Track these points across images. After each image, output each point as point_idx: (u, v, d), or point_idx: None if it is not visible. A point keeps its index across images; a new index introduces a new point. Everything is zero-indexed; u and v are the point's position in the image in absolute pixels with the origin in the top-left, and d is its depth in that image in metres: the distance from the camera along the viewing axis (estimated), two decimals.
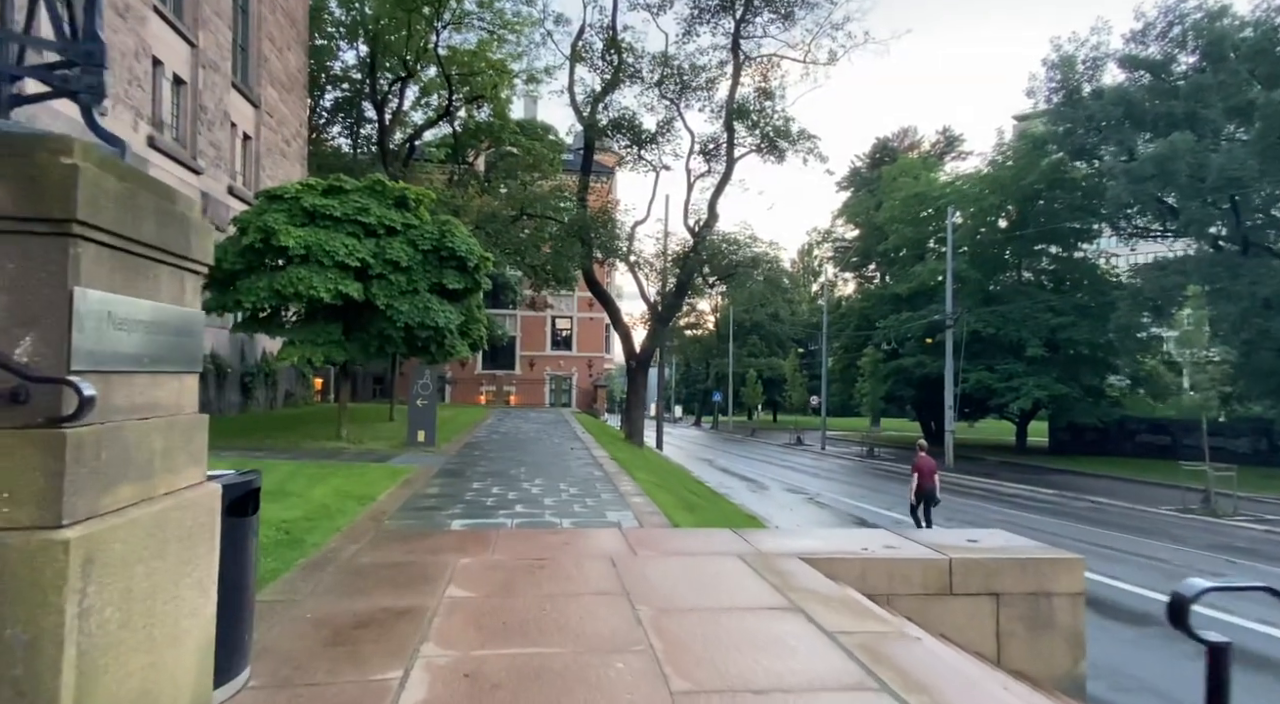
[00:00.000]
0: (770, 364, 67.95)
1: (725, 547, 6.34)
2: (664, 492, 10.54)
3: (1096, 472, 29.82)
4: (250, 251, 12.47)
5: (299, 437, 14.41)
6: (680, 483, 14.50)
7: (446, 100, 33.33)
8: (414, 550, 6.00)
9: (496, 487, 9.51)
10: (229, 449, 12.30)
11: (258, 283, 12.12)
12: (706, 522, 9.02)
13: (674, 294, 21.40)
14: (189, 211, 2.84)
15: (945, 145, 52.63)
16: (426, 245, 13.29)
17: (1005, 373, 32.75)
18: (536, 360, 48.65)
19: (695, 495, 12.73)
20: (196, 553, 2.77)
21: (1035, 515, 18.95)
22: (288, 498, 7.99)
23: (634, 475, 11.40)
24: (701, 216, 21.64)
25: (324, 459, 11.54)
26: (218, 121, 18.86)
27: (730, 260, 20.47)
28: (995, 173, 34.78)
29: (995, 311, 33.80)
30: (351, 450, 12.99)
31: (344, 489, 8.76)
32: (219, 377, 18.68)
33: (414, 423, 13.99)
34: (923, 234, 39.75)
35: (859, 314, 41.93)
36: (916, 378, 36.54)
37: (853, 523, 16.91)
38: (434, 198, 14.79)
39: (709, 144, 21.49)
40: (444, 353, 14.03)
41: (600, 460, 13.05)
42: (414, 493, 8.89)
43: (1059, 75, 30.92)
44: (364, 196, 13.12)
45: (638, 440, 22.06)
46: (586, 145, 21.76)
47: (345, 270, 12.54)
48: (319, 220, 12.68)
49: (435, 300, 13.20)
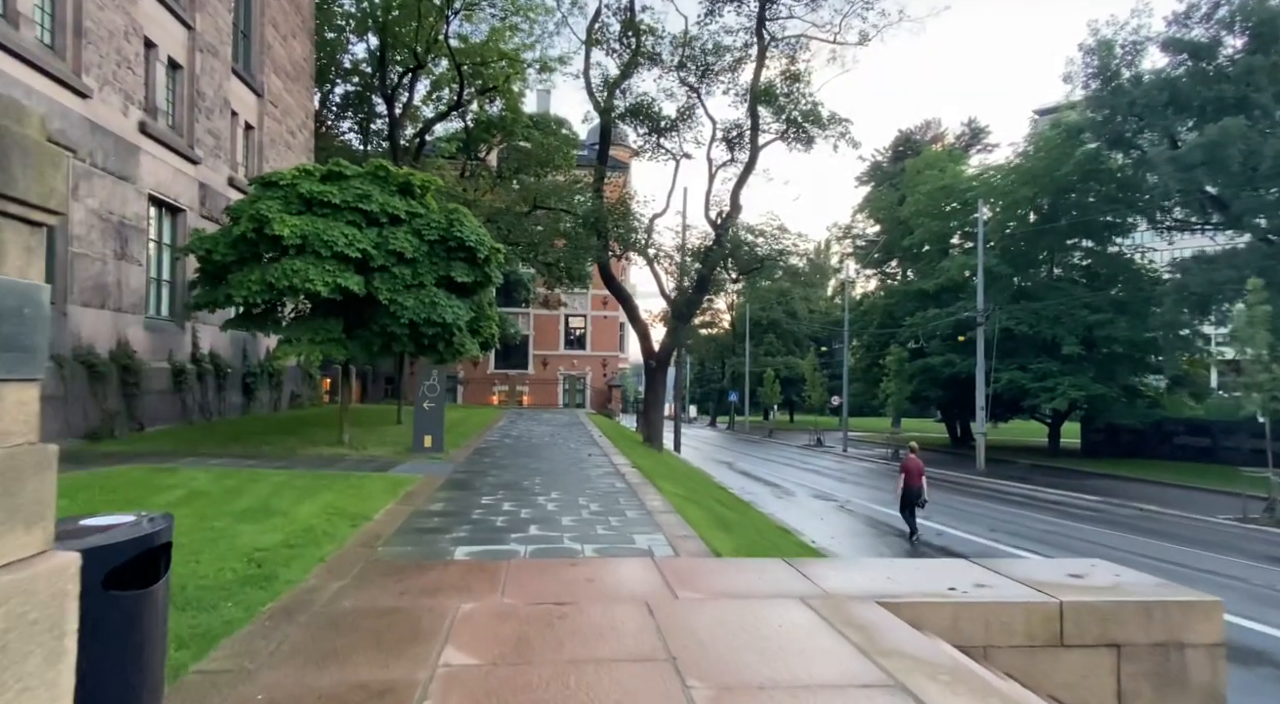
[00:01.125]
0: (787, 363, 66.56)
1: (782, 585, 5.25)
2: (694, 506, 9.46)
3: (1137, 475, 28.40)
4: (242, 242, 11.51)
5: (298, 442, 13.46)
6: (708, 493, 13.41)
7: (457, 93, 32.37)
8: (408, 590, 4.96)
9: (508, 502, 8.47)
10: (219, 456, 11.36)
11: (249, 276, 11.16)
12: (746, 545, 7.93)
13: (695, 289, 20.29)
14: (13, 125, 1.79)
15: (970, 137, 51.06)
16: (433, 235, 12.27)
17: (1039, 372, 31.36)
18: (550, 360, 47.72)
19: (727, 508, 11.64)
20: (24, 671, 1.72)
21: (1083, 525, 17.68)
22: (269, 517, 6.98)
23: (659, 487, 10.33)
24: (724, 208, 20.53)
25: (320, 468, 10.56)
26: (217, 109, 17.98)
27: (754, 254, 19.32)
28: (1027, 164, 33.34)
29: (1027, 308, 32.39)
30: (352, 458, 12.02)
31: (336, 506, 7.74)
32: (218, 377, 17.80)
33: (420, 427, 12.99)
34: (949, 228, 38.39)
35: (882, 311, 40.59)
36: (944, 377, 35.19)
37: (892, 534, 15.74)
38: (441, 184, 13.80)
39: (732, 131, 20.38)
40: (452, 352, 13.01)
41: (621, 469, 11.99)
42: (415, 510, 7.87)
43: (1096, 60, 29.47)
44: (365, 183, 12.13)
45: (656, 443, 20.99)
46: (603, 133, 20.71)
47: (345, 262, 11.55)
48: (316, 208, 11.70)
49: (443, 295, 12.19)
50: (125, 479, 8.49)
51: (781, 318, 68.00)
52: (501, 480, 10.17)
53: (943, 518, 18.23)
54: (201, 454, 11.55)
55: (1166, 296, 27.54)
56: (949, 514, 18.87)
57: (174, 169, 15.94)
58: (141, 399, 14.28)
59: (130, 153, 14.17)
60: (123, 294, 14.00)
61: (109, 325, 13.57)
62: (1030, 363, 32.06)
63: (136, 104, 14.44)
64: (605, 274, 21.34)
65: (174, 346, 15.99)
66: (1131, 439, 36.03)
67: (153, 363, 14.89)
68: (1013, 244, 34.39)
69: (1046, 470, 30.97)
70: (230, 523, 6.65)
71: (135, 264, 14.43)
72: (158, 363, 15.15)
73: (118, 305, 13.82)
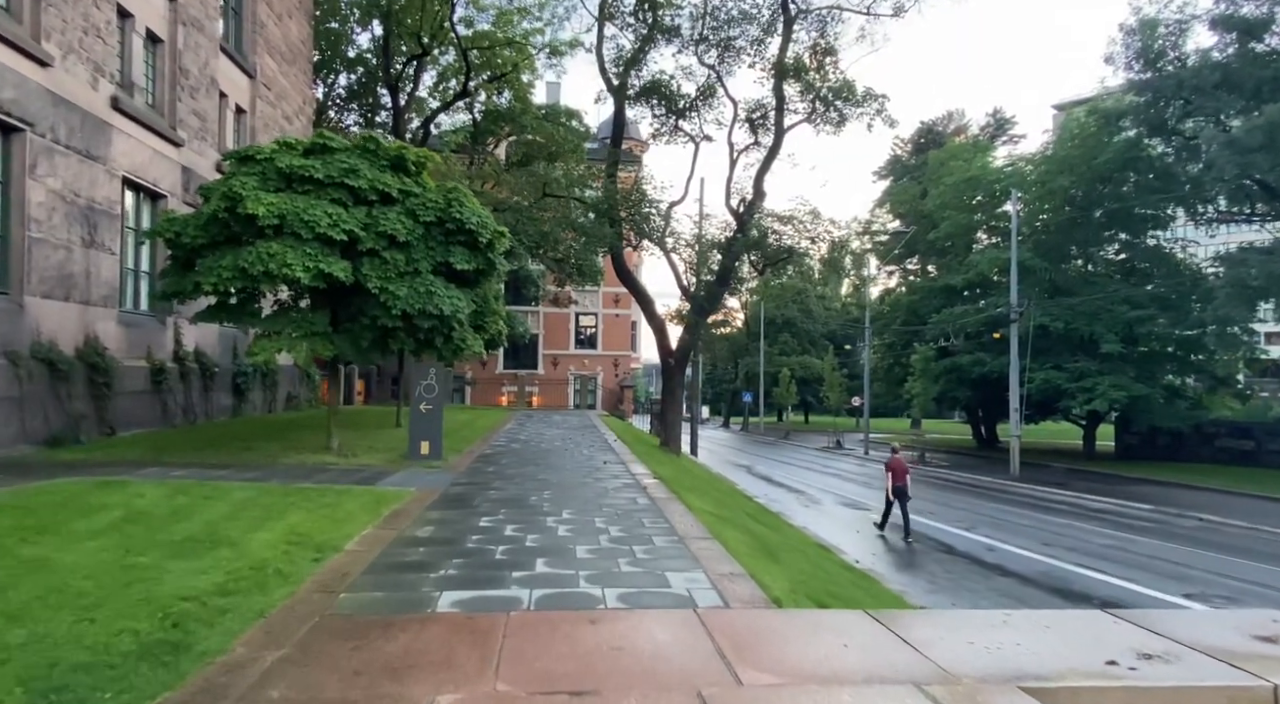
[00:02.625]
0: (803, 363, 64.95)
1: (880, 656, 3.83)
2: (730, 527, 8.05)
3: (1181, 480, 26.70)
4: (214, 223, 10.20)
5: (282, 448, 12.15)
6: (738, 506, 11.99)
7: (463, 82, 31.11)
8: (366, 666, 3.59)
9: (511, 524, 7.09)
10: (187, 465, 10.04)
11: (219, 261, 9.84)
12: (801, 578, 6.51)
13: (716, 282, 18.85)
14: None
15: (995, 128, 49.25)
16: (429, 216, 10.92)
17: (1076, 372, 29.69)
18: (560, 359, 46.41)
19: (763, 525, 10.21)
20: None
21: (1145, 539, 16.11)
22: (214, 549, 5.63)
23: (686, 502, 8.92)
24: (746, 195, 19.10)
25: (299, 480, 9.23)
26: (203, 88, 16.73)
27: (782, 243, 17.85)
28: (1061, 152, 31.65)
29: (1062, 304, 30.73)
30: (338, 467, 10.68)
31: (302, 531, 6.39)
32: (204, 377, 16.54)
33: (416, 432, 11.64)
34: (975, 221, 36.77)
35: (906, 308, 38.96)
36: (973, 377, 33.57)
37: (939, 551, 14.25)
38: (439, 161, 12.46)
39: (755, 111, 18.92)
40: (451, 348, 11.65)
41: (640, 479, 10.59)
42: (398, 536, 6.50)
43: (1139, 41, 27.80)
44: (353, 157, 10.79)
45: (674, 447, 19.58)
46: (616, 115, 19.33)
47: (329, 245, 10.22)
48: (297, 185, 10.37)
49: (440, 283, 10.83)
50: (57, 496, 7.17)
51: (797, 316, 66.37)
52: (505, 495, 8.79)
53: (987, 529, 16.73)
54: (168, 463, 10.25)
55: (1220, 290, 25.81)
56: (994, 525, 17.36)
57: (153, 151, 14.68)
58: (113, 401, 13.01)
59: (100, 130, 12.91)
60: (92, 285, 12.73)
61: (75, 319, 12.30)
62: (1066, 362, 30.40)
63: (108, 77, 13.17)
64: (619, 267, 19.94)
65: (153, 343, 14.73)
66: (1169, 442, 34.28)
67: (127, 361, 13.62)
68: (1046, 237, 32.70)
69: (1084, 475, 29.32)
70: (160, 558, 5.31)
71: (107, 253, 13.17)
72: (133, 361, 13.89)
73: (85, 298, 12.56)
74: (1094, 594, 11.02)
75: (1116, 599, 10.65)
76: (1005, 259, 31.15)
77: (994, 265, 32.31)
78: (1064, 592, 11.10)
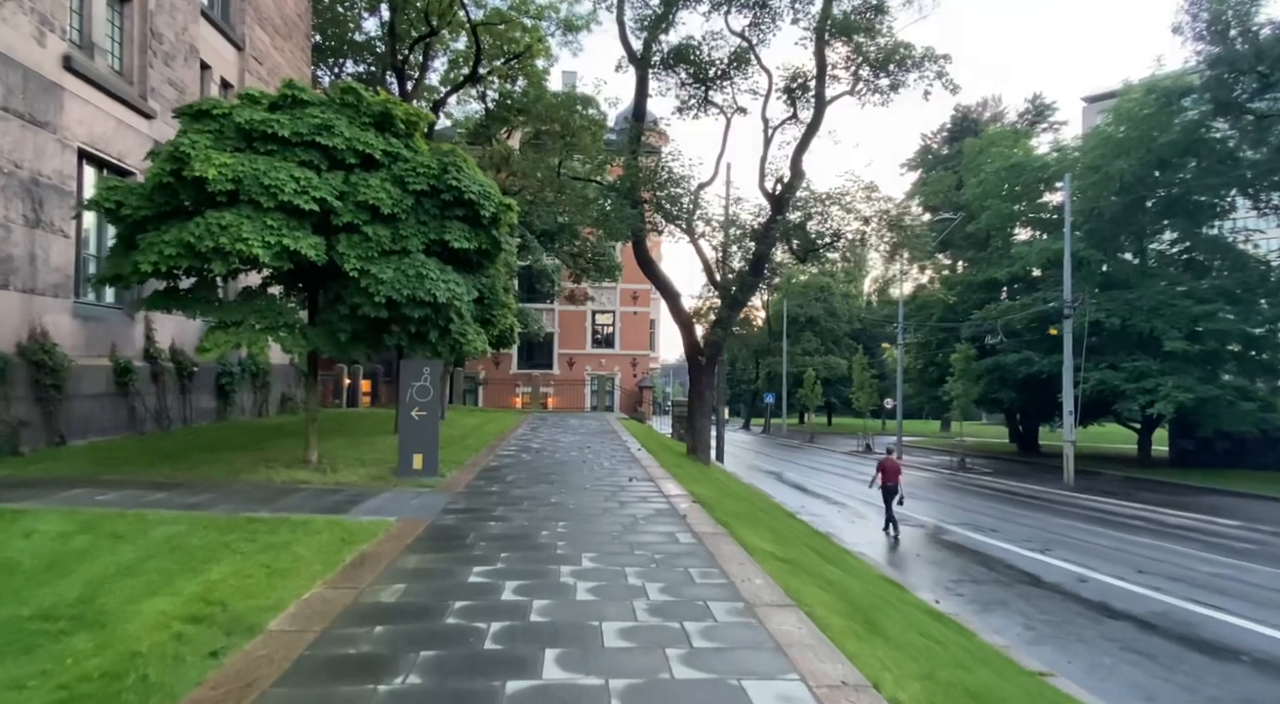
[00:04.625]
0: (827, 363, 62.67)
1: None
2: (804, 579, 6.09)
3: (1256, 491, 24.31)
4: (160, 191, 8.42)
5: (252, 461, 10.36)
6: (795, 536, 10.00)
7: (473, 63, 29.34)
8: None
9: (513, 580, 5.20)
10: (125, 485, 8.26)
11: (162, 236, 8.05)
12: (923, 663, 4.53)
13: (749, 272, 16.87)
14: None
15: (1035, 115, 46.72)
16: (420, 185, 9.07)
17: (1135, 371, 27.33)
18: (576, 359, 44.58)
19: (832, 562, 8.23)
20: None
21: (1256, 565, 13.88)
22: (70, 634, 3.78)
23: (739, 537, 6.99)
24: (783, 176, 17.10)
25: (255, 505, 7.41)
26: (180, 57, 15.04)
27: (826, 228, 15.82)
28: (1118, 135, 29.27)
29: (1118, 298, 28.40)
30: (311, 486, 8.85)
31: (219, 594, 4.55)
32: (181, 377, 14.84)
33: (407, 443, 9.79)
34: (1017, 211, 34.44)
35: (943, 305, 36.67)
36: (1019, 378, 31.26)
37: (1021, 580, 12.18)
38: (433, 120, 10.62)
39: (794, 81, 16.91)
40: (448, 343, 9.80)
41: (675, 502, 8.68)
42: (353, 602, 4.63)
43: (1207, 12, 25.44)
44: (328, 112, 8.96)
45: (703, 455, 17.64)
46: (639, 87, 17.41)
47: (297, 217, 8.40)
48: (260, 143, 8.57)
49: (433, 265, 8.98)
50: None
51: (820, 314, 64.11)
52: (508, 529, 6.89)
53: (1064, 552, 14.60)
54: (106, 481, 8.48)
55: None
56: (1070, 547, 15.22)
57: (117, 121, 12.98)
58: (65, 405, 11.30)
59: (48, 92, 11.20)
60: (38, 272, 11.03)
61: (15, 310, 10.60)
62: (1123, 361, 28.05)
63: (59, 33, 11.47)
64: (641, 256, 18.03)
65: (118, 339, 13.03)
66: (1230, 447, 31.81)
67: (84, 359, 11.92)
68: (1098, 226, 30.32)
69: (1144, 485, 26.97)
70: None
71: (58, 234, 11.46)
72: (92, 359, 12.19)
73: (29, 285, 10.85)
74: (1240, 646, 8.93)
75: (1273, 655, 8.58)
76: (1056, 250, 28.89)
77: (1043, 257, 30.02)
78: (1200, 644, 9.03)
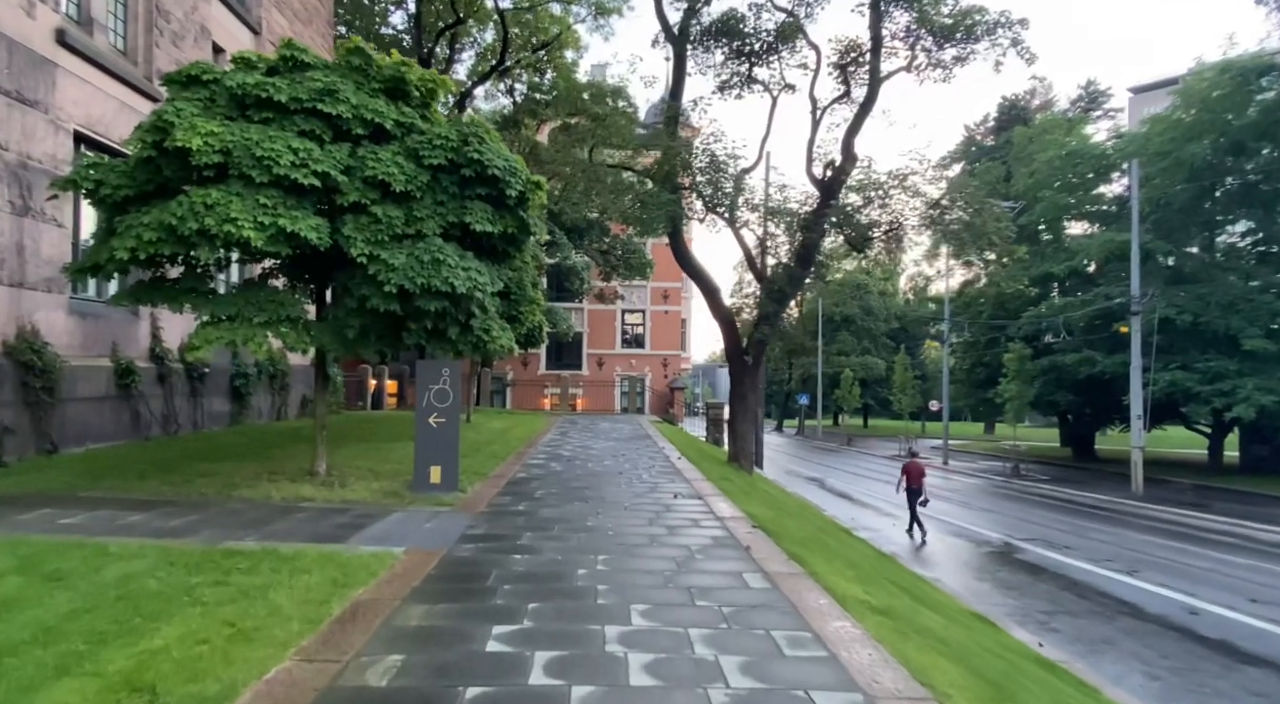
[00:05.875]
0: (863, 363, 60.71)
1: None
2: (921, 645, 4.75)
3: None
4: (143, 168, 7.38)
5: (254, 472, 9.31)
6: (878, 569, 8.63)
7: (500, 51, 28.35)
8: None
9: (545, 646, 3.97)
10: (103, 504, 7.22)
11: (140, 218, 6.99)
12: None
13: (797, 263, 15.48)
14: None
15: (1088, 102, 44.35)
16: (437, 158, 7.90)
17: (1210, 372, 25.29)
18: (605, 359, 43.46)
19: (922, 601, 6.87)
20: None
21: None
22: None
23: (817, 575, 5.70)
24: (834, 159, 15.69)
25: (244, 530, 6.30)
26: (190, 37, 14.17)
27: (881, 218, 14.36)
28: (1186, 118, 27.20)
29: (1192, 293, 26.35)
30: (314, 504, 7.74)
31: (159, 668, 3.39)
32: (191, 379, 13.94)
33: (423, 453, 8.63)
34: (1070, 203, 32.44)
35: (992, 302, 34.74)
36: (1078, 379, 29.30)
37: (1120, 611, 10.63)
38: (452, 88, 9.49)
39: (847, 55, 15.49)
40: (470, 340, 8.64)
41: (731, 526, 7.40)
42: (331, 683, 3.43)
43: None
44: (333, 75, 7.84)
45: (746, 464, 16.29)
46: (676, 65, 16.13)
47: (295, 195, 7.29)
48: (254, 111, 7.48)
49: (452, 250, 7.81)
50: None
51: (857, 313, 62.17)
52: (537, 566, 5.67)
53: (1156, 574, 12.97)
54: (84, 498, 7.46)
55: None
56: (1162, 568, 13.57)
57: (120, 103, 12.08)
58: (59, 409, 10.38)
59: (39, 68, 10.30)
60: (27, 264, 10.12)
61: (2, 307, 9.69)
62: (1196, 361, 26.01)
63: (52, 4, 10.56)
64: (677, 247, 16.75)
65: (120, 338, 12.13)
66: None
67: (81, 360, 11.02)
68: (1166, 216, 28.25)
69: (1220, 494, 24.92)
70: None
71: (51, 224, 10.55)
72: (90, 360, 11.28)
73: (18, 279, 9.94)
74: None
75: None
76: (1120, 243, 26.96)
77: (1104, 250, 28.04)
78: None
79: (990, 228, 12.89)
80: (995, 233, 13.05)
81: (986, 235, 12.99)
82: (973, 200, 13.58)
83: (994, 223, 13.02)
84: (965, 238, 13.36)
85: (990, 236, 13.12)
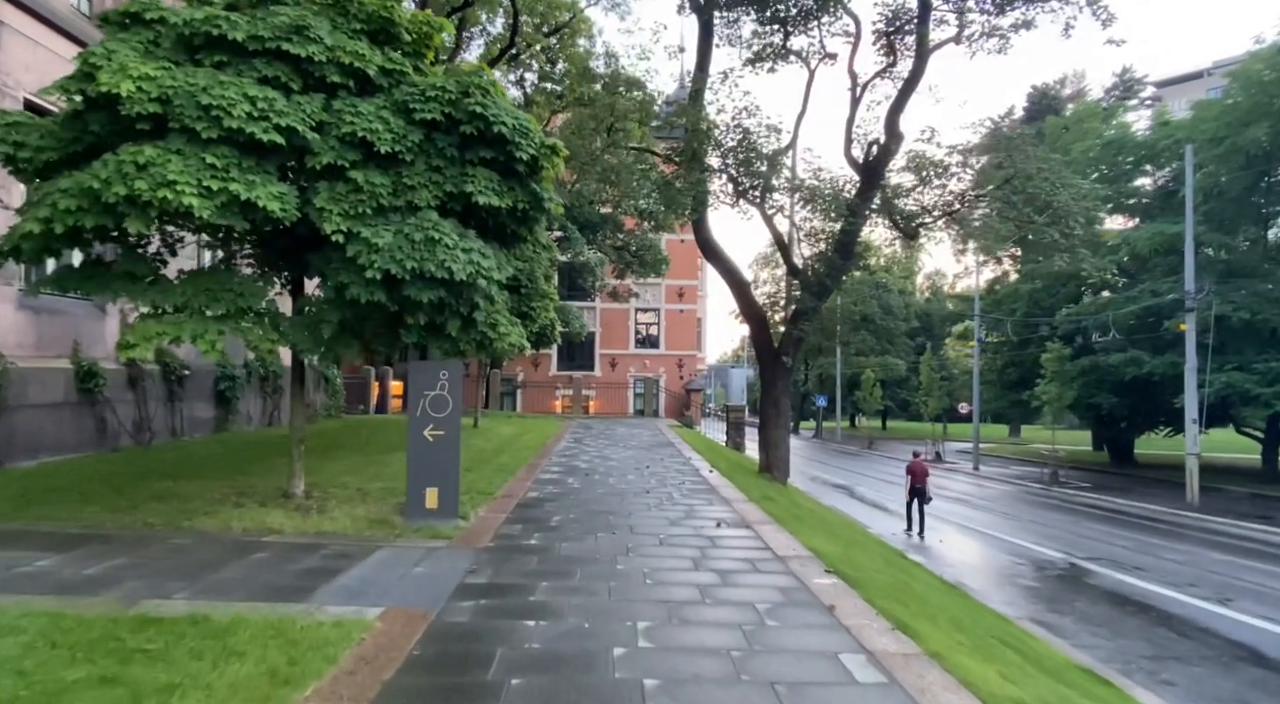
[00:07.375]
0: (884, 363, 58.93)
1: None
2: None
3: None
4: (70, 125, 6.00)
5: (221, 493, 7.91)
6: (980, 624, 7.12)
7: (509, 32, 26.97)
8: None
9: None
10: (16, 539, 5.83)
11: (58, 185, 5.59)
12: None
13: (837, 254, 13.97)
14: None
15: (1124, 90, 42.46)
16: (432, 112, 6.46)
17: (1270, 373, 23.56)
18: (619, 360, 42.06)
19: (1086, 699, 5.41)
20: None
21: None
22: None
23: (947, 662, 4.20)
24: (877, 139, 14.18)
25: (175, 581, 4.88)
26: None
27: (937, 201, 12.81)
28: (1240, 103, 25.42)
29: (1247, 289, 24.62)
30: (283, 538, 6.31)
31: None
32: (168, 382, 12.59)
33: (417, 473, 7.19)
34: (1116, 193, 30.70)
35: (1027, 299, 33.04)
36: (1122, 380, 27.58)
37: (1234, 654, 9.06)
38: (452, 30, 8.05)
39: (892, 23, 13.97)
40: (473, 337, 7.19)
41: (799, 571, 5.93)
42: None
43: None
44: (303, 10, 6.40)
45: (781, 475, 14.79)
46: (702, 33, 14.65)
47: (255, 154, 5.86)
48: (205, 54, 6.06)
49: (449, 228, 6.36)
50: None
51: (876, 313, 60.38)
52: (556, 638, 4.20)
53: (1253, 603, 11.35)
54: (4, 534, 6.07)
55: None
56: (1255, 596, 11.94)
57: None
58: (5, 418, 9.03)
59: None
60: None
61: None
62: (1253, 361, 24.28)
63: None
64: (701, 237, 15.28)
65: (84, 337, 10.79)
66: None
67: (34, 362, 9.68)
68: (1218, 207, 26.49)
69: None
70: None
71: None
72: (45, 361, 9.94)
73: None
74: None
75: None
76: (1171, 235, 25.25)
77: (1153, 244, 26.33)
78: None
79: (1074, 208, 11.33)
80: (1081, 213, 11.51)
81: (1071, 215, 11.42)
82: (1052, 175, 12.03)
83: (1079, 201, 11.48)
84: (1041, 221, 11.74)
85: (1076, 217, 11.57)
